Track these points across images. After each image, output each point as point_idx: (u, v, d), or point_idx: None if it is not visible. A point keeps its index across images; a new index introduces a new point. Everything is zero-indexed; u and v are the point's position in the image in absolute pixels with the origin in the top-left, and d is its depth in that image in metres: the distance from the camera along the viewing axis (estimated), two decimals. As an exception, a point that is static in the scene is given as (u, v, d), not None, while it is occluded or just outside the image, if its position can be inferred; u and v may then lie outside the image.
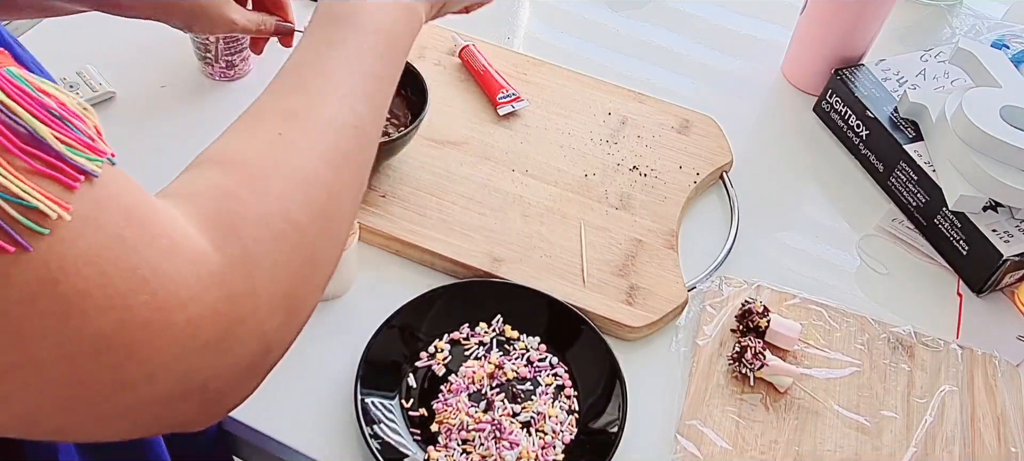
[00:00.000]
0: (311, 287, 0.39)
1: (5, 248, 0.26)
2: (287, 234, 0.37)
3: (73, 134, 0.29)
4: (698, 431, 0.68)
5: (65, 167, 0.28)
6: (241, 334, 0.34)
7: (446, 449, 0.65)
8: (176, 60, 0.94)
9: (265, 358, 0.36)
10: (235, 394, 0.36)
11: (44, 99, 0.29)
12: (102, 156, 0.30)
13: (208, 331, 0.32)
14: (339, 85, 0.43)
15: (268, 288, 0.35)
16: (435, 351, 0.71)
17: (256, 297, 0.34)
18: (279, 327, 0.36)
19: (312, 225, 0.38)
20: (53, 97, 0.29)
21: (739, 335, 0.74)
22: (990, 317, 0.81)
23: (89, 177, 0.29)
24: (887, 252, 0.86)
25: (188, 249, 0.32)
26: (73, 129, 0.29)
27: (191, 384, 0.32)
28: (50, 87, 0.30)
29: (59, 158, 0.28)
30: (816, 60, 0.99)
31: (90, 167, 0.29)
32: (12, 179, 0.27)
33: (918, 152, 0.87)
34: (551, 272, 0.77)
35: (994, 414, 0.72)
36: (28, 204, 0.27)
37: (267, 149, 0.40)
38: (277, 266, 0.36)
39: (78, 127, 0.30)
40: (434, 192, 0.82)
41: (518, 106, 0.91)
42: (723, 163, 0.89)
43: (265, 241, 0.36)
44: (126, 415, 0.32)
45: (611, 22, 1.10)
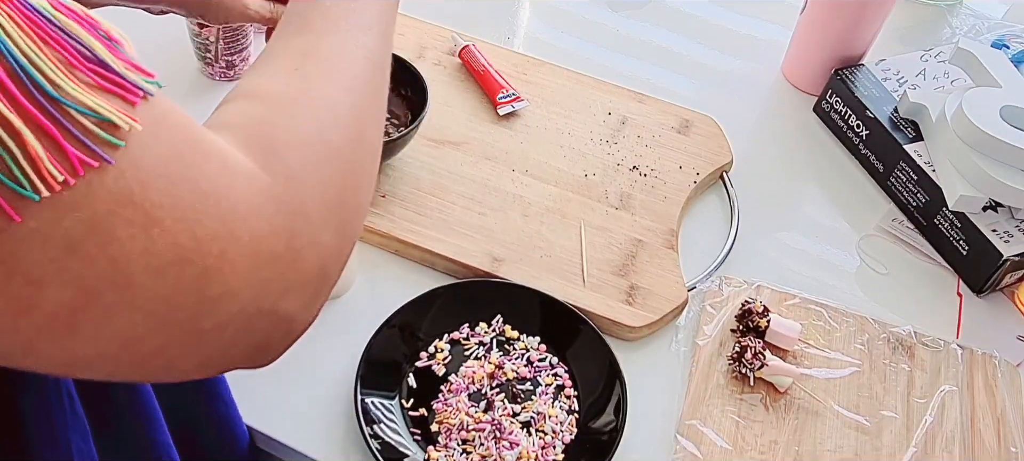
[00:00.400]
0: (356, 204, 0.40)
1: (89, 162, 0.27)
2: (325, 153, 0.38)
3: (123, 56, 0.30)
4: (698, 431, 0.68)
5: (127, 83, 0.29)
6: (300, 248, 0.35)
7: (446, 449, 0.65)
8: (176, 60, 0.94)
9: (324, 276, 0.37)
10: (303, 313, 0.36)
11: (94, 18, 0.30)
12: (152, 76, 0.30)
13: (271, 245, 0.33)
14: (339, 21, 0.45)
15: (317, 204, 0.36)
16: (435, 351, 0.71)
17: (307, 213, 0.36)
18: (332, 242, 0.37)
19: (346, 144, 0.40)
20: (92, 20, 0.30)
21: (739, 335, 0.74)
22: (990, 317, 0.81)
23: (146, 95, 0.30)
24: (887, 252, 0.86)
25: (239, 169, 0.34)
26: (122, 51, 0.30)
27: (264, 302, 0.33)
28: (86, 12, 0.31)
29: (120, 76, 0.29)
30: (816, 60, 0.99)
31: (146, 86, 0.30)
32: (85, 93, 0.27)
33: (918, 152, 0.87)
34: (551, 272, 0.77)
35: (994, 414, 0.72)
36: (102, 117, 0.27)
37: (288, 80, 0.41)
38: (322, 183, 0.37)
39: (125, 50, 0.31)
40: (434, 192, 0.82)
41: (518, 106, 0.91)
42: (723, 163, 0.89)
43: (306, 160, 0.37)
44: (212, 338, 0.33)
45: (611, 22, 1.10)
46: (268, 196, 0.34)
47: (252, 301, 0.33)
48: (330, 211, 0.37)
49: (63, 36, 0.28)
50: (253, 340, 0.35)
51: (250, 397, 0.67)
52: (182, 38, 0.92)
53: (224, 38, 0.89)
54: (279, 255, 0.34)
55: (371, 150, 0.43)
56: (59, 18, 0.28)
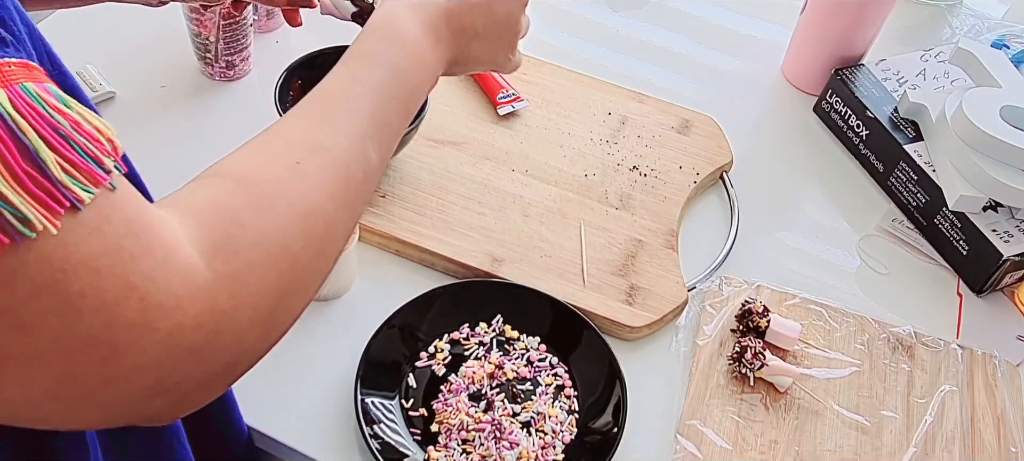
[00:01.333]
0: (291, 310, 0.41)
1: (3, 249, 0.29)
2: (279, 260, 0.39)
3: (76, 158, 0.31)
4: (698, 431, 0.68)
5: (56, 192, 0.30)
6: (218, 345, 0.36)
7: (446, 449, 0.65)
8: (176, 60, 0.94)
9: (236, 368, 0.38)
10: (202, 396, 0.38)
11: (55, 118, 0.31)
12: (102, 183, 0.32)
13: (189, 339, 0.34)
14: (361, 126, 0.46)
15: (251, 307, 0.37)
16: (435, 351, 0.71)
17: (238, 315, 0.36)
18: (254, 343, 0.38)
19: (304, 253, 0.40)
20: (68, 116, 0.32)
21: (739, 335, 0.74)
22: (990, 317, 0.81)
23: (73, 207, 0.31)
24: (887, 252, 0.86)
25: (180, 262, 0.35)
26: (79, 152, 0.31)
27: (166, 384, 0.34)
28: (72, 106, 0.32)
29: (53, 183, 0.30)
30: (816, 60, 0.99)
31: (82, 195, 0.31)
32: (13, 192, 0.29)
33: (918, 152, 0.87)
34: (551, 272, 0.77)
35: (994, 414, 0.72)
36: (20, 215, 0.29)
37: (282, 174, 0.42)
38: (263, 289, 0.38)
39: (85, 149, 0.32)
40: (434, 192, 0.82)
41: (518, 106, 0.91)
42: (723, 163, 0.89)
43: (256, 264, 0.38)
44: (105, 406, 0.34)
45: (611, 22, 1.10)
46: (202, 293, 0.35)
47: (155, 382, 0.34)
48: (263, 314, 0.38)
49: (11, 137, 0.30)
50: (147, 410, 0.36)
51: (250, 397, 0.67)
52: (182, 38, 0.92)
53: (224, 38, 0.89)
54: (195, 348, 0.35)
55: (327, 263, 0.43)
56: (14, 119, 0.30)
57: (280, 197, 0.41)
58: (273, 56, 0.96)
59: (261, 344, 0.39)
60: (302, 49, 0.86)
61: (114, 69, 0.92)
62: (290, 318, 0.41)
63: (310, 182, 0.42)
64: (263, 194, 0.40)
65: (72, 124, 0.32)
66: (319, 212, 0.42)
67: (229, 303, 0.36)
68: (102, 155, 0.32)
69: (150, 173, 0.89)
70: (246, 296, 0.37)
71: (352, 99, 0.47)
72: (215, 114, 0.90)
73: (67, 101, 0.32)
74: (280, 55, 0.93)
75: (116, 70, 0.92)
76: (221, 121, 0.90)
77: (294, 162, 0.42)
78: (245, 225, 0.38)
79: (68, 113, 0.32)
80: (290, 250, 0.40)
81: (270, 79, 0.82)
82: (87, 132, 0.32)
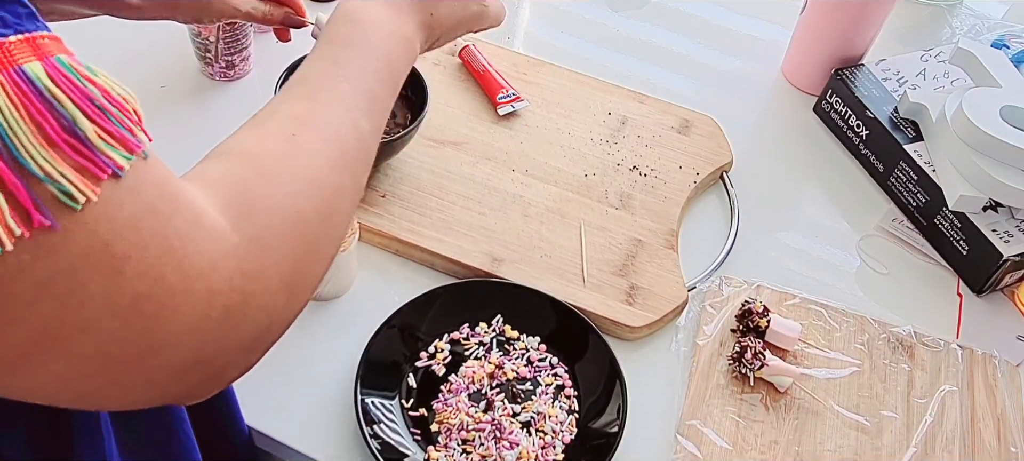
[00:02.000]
0: (312, 274, 0.42)
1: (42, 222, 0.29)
2: (294, 224, 0.40)
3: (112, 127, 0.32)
4: (698, 431, 0.68)
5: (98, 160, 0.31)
6: (250, 308, 0.37)
7: (446, 449, 0.65)
8: (176, 60, 0.94)
9: (267, 335, 0.39)
10: (237, 367, 0.39)
11: (89, 88, 0.32)
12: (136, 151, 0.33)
13: (223, 301, 0.35)
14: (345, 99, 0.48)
15: (275, 270, 0.38)
16: (435, 351, 0.71)
17: (265, 277, 0.38)
18: (282, 307, 0.39)
19: (316, 219, 0.42)
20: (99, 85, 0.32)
21: (739, 335, 0.74)
22: (990, 317, 0.81)
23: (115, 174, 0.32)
24: (887, 252, 0.86)
25: (209, 225, 0.36)
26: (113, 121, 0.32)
27: (202, 354, 0.35)
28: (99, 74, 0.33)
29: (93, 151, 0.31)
30: (816, 60, 0.99)
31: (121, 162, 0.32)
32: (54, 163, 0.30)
33: (918, 152, 0.87)
34: (551, 272, 0.77)
35: (994, 414, 0.72)
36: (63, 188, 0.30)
37: (280, 146, 0.43)
38: (284, 251, 0.39)
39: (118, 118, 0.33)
40: (434, 192, 0.82)
41: (518, 106, 0.91)
42: (723, 163, 0.89)
43: (275, 228, 0.39)
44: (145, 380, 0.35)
45: (611, 22, 1.10)
46: (232, 255, 0.36)
47: (192, 351, 0.35)
48: (287, 276, 0.39)
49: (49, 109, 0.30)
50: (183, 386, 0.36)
51: (250, 397, 0.67)
52: (182, 38, 0.92)
53: (224, 38, 0.89)
54: (230, 313, 0.36)
55: (338, 228, 0.45)
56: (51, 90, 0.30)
57: (283, 167, 0.42)
58: (273, 56, 0.95)
59: (289, 309, 0.40)
60: (302, 49, 0.85)
61: (114, 69, 0.90)
62: (311, 282, 0.42)
63: (307, 152, 0.44)
64: (267, 166, 0.42)
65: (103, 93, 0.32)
66: (321, 178, 0.43)
67: (256, 264, 0.37)
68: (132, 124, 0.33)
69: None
70: (270, 258, 0.38)
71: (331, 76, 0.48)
72: (215, 114, 0.90)
73: (94, 70, 0.33)
74: (280, 55, 0.93)
75: (116, 70, 0.90)
76: (221, 121, 0.89)
77: (290, 134, 0.44)
78: (258, 193, 0.40)
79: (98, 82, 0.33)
80: (302, 214, 0.41)
81: (270, 79, 0.83)
82: (116, 101, 0.33)
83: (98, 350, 0.33)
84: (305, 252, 0.41)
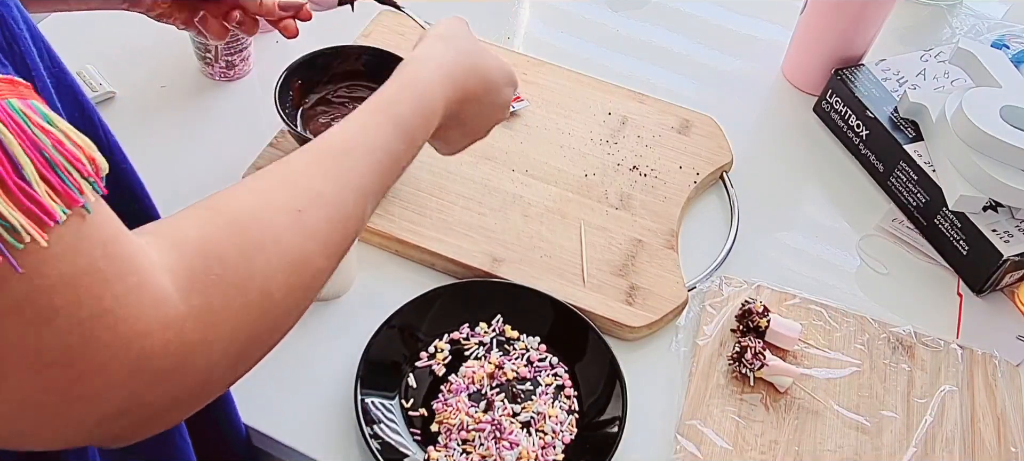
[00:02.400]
0: (263, 348, 0.41)
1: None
2: (258, 303, 0.39)
3: (56, 179, 0.32)
4: (698, 431, 0.68)
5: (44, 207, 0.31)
6: (185, 373, 0.36)
7: (446, 449, 0.65)
8: (176, 60, 0.94)
9: (201, 396, 0.39)
10: (164, 421, 0.38)
11: (39, 137, 0.32)
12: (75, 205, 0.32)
13: (156, 364, 0.35)
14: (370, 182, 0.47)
15: (223, 342, 0.38)
16: (435, 351, 0.71)
17: (209, 349, 0.37)
18: (222, 374, 0.39)
19: (285, 300, 0.41)
20: (51, 135, 0.32)
21: (739, 335, 0.74)
22: (990, 317, 0.81)
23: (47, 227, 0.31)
24: (887, 252, 0.86)
25: (153, 290, 0.35)
26: (58, 174, 0.32)
27: (132, 404, 0.35)
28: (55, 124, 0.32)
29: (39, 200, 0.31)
30: (816, 60, 0.99)
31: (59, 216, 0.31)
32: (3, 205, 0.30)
33: (918, 152, 0.87)
34: (551, 272, 0.77)
35: (994, 414, 0.72)
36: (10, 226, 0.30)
37: (280, 219, 0.42)
38: (237, 327, 0.38)
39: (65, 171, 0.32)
40: (434, 192, 0.82)
41: (518, 106, 0.91)
42: (723, 163, 0.89)
43: (234, 306, 0.38)
44: (74, 424, 0.34)
45: (611, 22, 1.10)
46: (173, 323, 0.35)
47: (120, 403, 0.35)
48: (233, 351, 0.38)
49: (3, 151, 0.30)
50: (110, 432, 0.36)
51: (250, 397, 0.67)
52: (182, 38, 0.92)
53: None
54: (161, 373, 0.35)
55: (304, 306, 0.43)
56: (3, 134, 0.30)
57: (273, 243, 0.41)
58: (273, 56, 0.96)
59: (229, 375, 0.40)
60: (302, 49, 0.86)
61: (114, 69, 0.92)
62: (260, 355, 0.41)
63: (307, 232, 0.43)
64: (256, 238, 0.40)
65: (54, 143, 0.32)
66: (309, 263, 0.42)
67: (199, 336, 0.36)
68: (81, 177, 0.33)
69: (150, 173, 0.89)
70: (218, 332, 0.37)
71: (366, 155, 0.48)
72: (215, 114, 0.90)
73: (51, 119, 0.33)
74: (280, 55, 0.93)
75: (116, 70, 0.92)
76: (221, 121, 0.90)
77: (296, 209, 0.43)
78: (229, 265, 0.39)
79: (51, 132, 0.32)
80: (271, 294, 0.40)
81: (270, 79, 0.83)
82: (69, 152, 0.33)
83: (25, 394, 0.33)
84: (261, 329, 0.40)
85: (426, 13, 1.03)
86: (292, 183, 0.44)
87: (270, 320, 0.41)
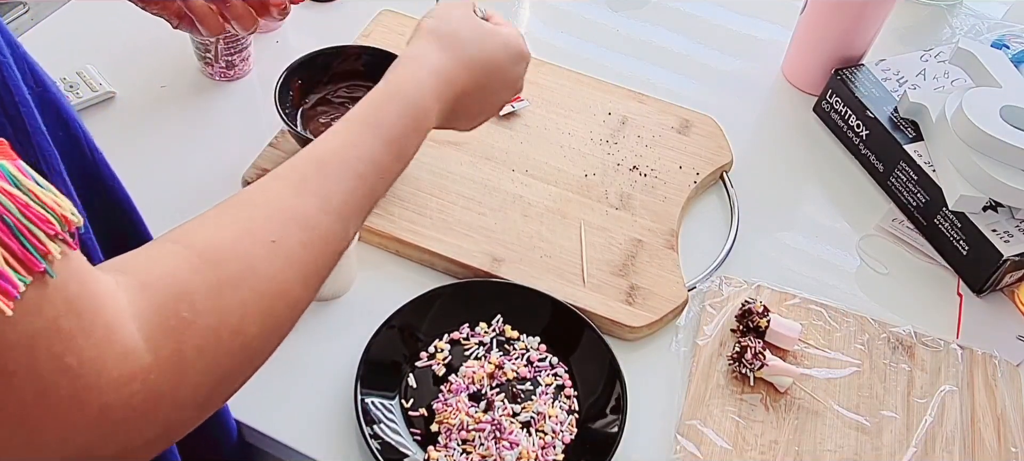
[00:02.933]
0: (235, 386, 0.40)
1: None
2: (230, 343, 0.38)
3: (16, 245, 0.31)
4: (698, 431, 0.68)
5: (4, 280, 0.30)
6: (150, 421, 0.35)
7: (446, 449, 0.65)
8: (176, 60, 0.94)
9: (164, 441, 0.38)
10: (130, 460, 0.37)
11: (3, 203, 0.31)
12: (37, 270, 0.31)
13: (119, 415, 0.34)
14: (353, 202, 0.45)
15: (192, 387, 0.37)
16: (435, 351, 0.71)
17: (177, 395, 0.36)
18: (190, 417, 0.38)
19: (260, 335, 0.40)
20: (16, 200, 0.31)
21: (739, 335, 0.74)
22: (990, 317, 0.81)
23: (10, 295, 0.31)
24: (887, 252, 0.86)
25: (120, 342, 0.34)
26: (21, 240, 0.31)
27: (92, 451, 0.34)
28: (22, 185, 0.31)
29: None
30: (816, 60, 0.99)
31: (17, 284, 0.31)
32: None
33: (918, 152, 0.87)
34: (551, 272, 0.77)
35: (994, 414, 0.72)
36: None
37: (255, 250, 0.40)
38: (208, 370, 0.37)
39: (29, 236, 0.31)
40: (434, 192, 0.82)
41: (518, 106, 0.91)
42: (723, 163, 0.89)
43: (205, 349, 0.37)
44: None
45: (611, 22, 1.10)
46: (139, 375, 0.34)
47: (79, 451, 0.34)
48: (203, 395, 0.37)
49: None
50: None
51: (251, 398, 0.67)
52: (182, 38, 0.92)
53: (224, 38, 0.89)
54: (124, 424, 0.34)
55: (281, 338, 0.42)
56: None
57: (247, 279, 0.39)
58: (273, 56, 0.96)
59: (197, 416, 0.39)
60: (302, 49, 0.86)
61: (114, 69, 0.92)
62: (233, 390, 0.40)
63: (283, 262, 0.41)
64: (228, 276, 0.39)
65: (20, 207, 0.31)
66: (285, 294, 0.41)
67: (168, 385, 0.35)
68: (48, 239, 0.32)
69: (150, 173, 0.89)
70: (188, 378, 0.36)
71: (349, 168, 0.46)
72: (215, 114, 0.90)
73: (18, 180, 0.32)
74: (280, 55, 0.93)
75: (116, 70, 0.92)
76: (221, 121, 0.90)
77: (271, 240, 0.41)
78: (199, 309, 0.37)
79: (17, 196, 0.31)
80: (245, 332, 0.39)
81: (270, 79, 0.83)
82: (34, 214, 0.32)
83: None
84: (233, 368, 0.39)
85: (426, 13, 1.03)
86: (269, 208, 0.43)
87: (243, 358, 0.39)
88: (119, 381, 0.34)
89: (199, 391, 0.37)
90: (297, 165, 0.46)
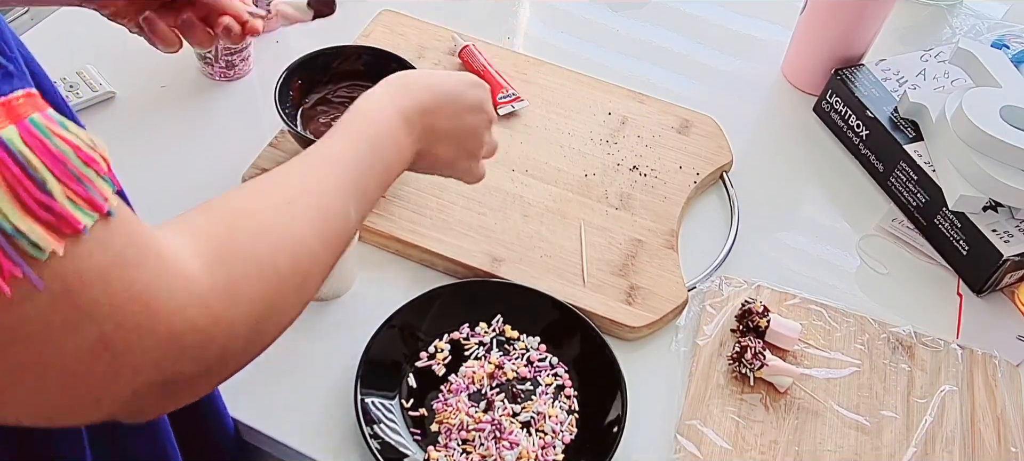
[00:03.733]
0: (274, 327, 0.45)
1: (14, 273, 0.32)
2: (269, 279, 0.43)
3: (81, 189, 0.34)
4: (698, 431, 0.68)
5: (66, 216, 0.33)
6: (210, 348, 0.39)
7: (446, 449, 0.65)
8: (176, 60, 0.94)
9: (221, 372, 0.42)
10: (189, 394, 0.41)
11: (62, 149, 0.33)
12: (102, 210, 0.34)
13: (185, 340, 0.37)
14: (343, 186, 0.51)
15: (242, 318, 0.41)
16: (435, 351, 0.71)
17: (230, 322, 0.40)
18: (239, 351, 0.42)
19: (292, 278, 0.45)
20: (71, 144, 0.34)
21: (739, 335, 0.74)
22: (990, 317, 0.81)
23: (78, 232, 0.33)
24: (887, 252, 0.86)
25: (180, 269, 0.38)
26: (83, 184, 0.34)
27: (161, 380, 0.37)
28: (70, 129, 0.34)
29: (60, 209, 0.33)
30: (816, 60, 0.99)
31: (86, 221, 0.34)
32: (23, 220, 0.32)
33: (918, 152, 0.87)
34: (551, 272, 0.77)
35: (994, 414, 0.72)
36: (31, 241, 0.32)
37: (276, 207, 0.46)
38: (254, 302, 0.42)
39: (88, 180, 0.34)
40: (434, 192, 0.82)
41: (518, 106, 0.91)
42: (723, 163, 0.89)
43: (250, 278, 0.42)
44: (106, 402, 0.37)
45: (611, 22, 1.10)
46: (198, 299, 0.38)
47: (151, 378, 0.37)
48: (251, 325, 0.42)
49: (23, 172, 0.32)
50: (139, 406, 0.39)
51: (250, 397, 0.67)
52: (182, 38, 0.92)
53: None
54: (189, 349, 0.38)
55: (307, 292, 0.47)
56: (25, 155, 0.32)
57: (272, 226, 0.45)
58: (273, 56, 0.96)
59: (244, 354, 0.43)
60: (302, 49, 0.86)
61: (114, 69, 0.92)
62: (272, 335, 0.45)
63: (299, 220, 0.47)
64: (258, 222, 0.45)
65: (76, 151, 0.34)
66: (306, 243, 0.46)
67: (222, 307, 0.39)
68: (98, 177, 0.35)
69: (150, 173, 0.89)
70: (239, 307, 0.40)
71: (337, 163, 0.52)
72: (215, 114, 0.90)
73: (65, 124, 0.34)
74: (280, 55, 0.93)
75: (116, 70, 0.92)
76: (221, 121, 0.90)
77: (285, 201, 0.47)
78: (240, 243, 0.42)
79: (70, 139, 0.34)
80: (280, 271, 0.44)
81: (270, 79, 0.83)
82: (86, 155, 0.34)
83: (65, 381, 0.35)
84: (274, 307, 0.43)
85: (427, 14, 1.03)
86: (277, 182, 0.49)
87: (280, 297, 0.44)
88: (184, 304, 0.37)
89: (248, 320, 0.41)
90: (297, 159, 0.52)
